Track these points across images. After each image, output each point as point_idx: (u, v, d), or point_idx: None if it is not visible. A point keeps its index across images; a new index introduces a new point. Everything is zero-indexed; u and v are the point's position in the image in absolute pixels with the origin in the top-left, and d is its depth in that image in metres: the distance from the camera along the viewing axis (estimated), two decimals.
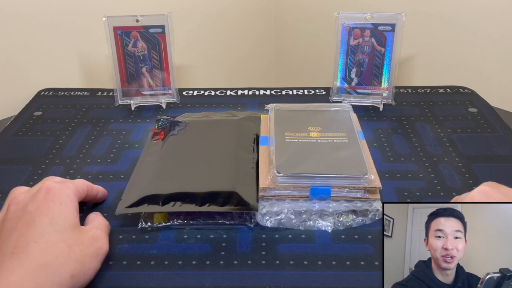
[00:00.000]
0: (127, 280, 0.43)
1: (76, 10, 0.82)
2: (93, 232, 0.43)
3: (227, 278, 0.43)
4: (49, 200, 0.41)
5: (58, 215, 0.40)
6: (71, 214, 0.42)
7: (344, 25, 0.69)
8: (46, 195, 0.41)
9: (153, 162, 0.55)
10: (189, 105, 0.74)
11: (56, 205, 0.41)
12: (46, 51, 0.82)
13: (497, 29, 0.79)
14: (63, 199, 0.42)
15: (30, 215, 0.40)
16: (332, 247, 0.46)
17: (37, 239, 0.38)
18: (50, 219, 0.40)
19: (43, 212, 0.40)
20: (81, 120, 0.70)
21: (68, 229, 0.40)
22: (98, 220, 0.46)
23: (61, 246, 0.39)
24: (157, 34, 0.70)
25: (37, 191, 0.42)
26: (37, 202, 0.41)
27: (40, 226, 0.39)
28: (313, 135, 0.55)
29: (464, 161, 0.59)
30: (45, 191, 0.41)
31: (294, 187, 0.49)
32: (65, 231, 0.40)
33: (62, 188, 0.43)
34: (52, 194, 0.41)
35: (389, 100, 0.71)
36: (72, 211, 0.42)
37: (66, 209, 0.41)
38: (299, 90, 0.79)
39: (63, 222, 0.40)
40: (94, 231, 0.43)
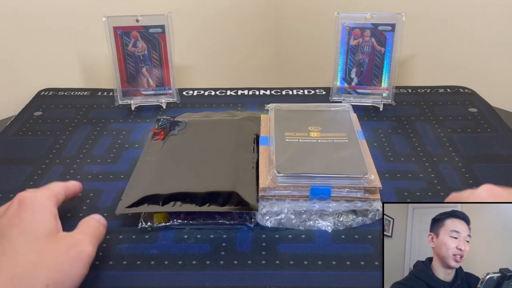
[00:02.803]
0: (127, 280, 0.43)
1: (76, 10, 0.82)
2: (73, 237, 0.41)
3: (227, 278, 0.43)
4: (21, 210, 0.40)
5: (30, 224, 0.39)
6: (45, 221, 0.40)
7: (344, 25, 0.69)
8: (18, 206, 0.40)
9: (153, 162, 0.55)
10: (189, 105, 0.74)
11: (28, 214, 0.39)
12: (46, 51, 0.82)
13: (497, 29, 0.79)
14: (35, 206, 0.40)
15: (1, 229, 0.39)
16: (332, 247, 0.46)
17: (6, 252, 0.37)
18: (21, 229, 0.38)
19: (14, 223, 0.39)
20: (81, 120, 0.70)
21: (41, 238, 0.38)
22: (87, 223, 0.44)
23: (31, 257, 0.37)
24: (157, 34, 0.70)
25: (10, 205, 0.41)
26: (9, 215, 0.40)
27: (10, 238, 0.38)
28: (313, 135, 0.55)
29: (464, 161, 0.59)
30: (17, 202, 0.40)
31: (294, 187, 0.49)
32: (36, 240, 0.38)
33: (35, 196, 0.41)
34: (24, 204, 0.40)
35: (389, 100, 0.71)
36: (47, 217, 0.40)
37: (40, 216, 0.40)
38: (299, 90, 0.79)
39: (36, 231, 0.39)
40: (75, 236, 0.41)
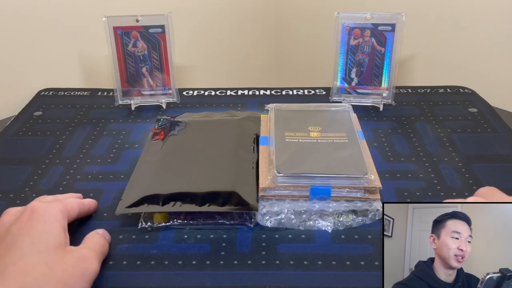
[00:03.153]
0: (127, 280, 0.43)
1: (76, 10, 0.82)
2: (80, 252, 0.41)
3: (227, 278, 0.43)
4: (33, 219, 0.40)
5: (41, 235, 0.39)
6: (55, 234, 0.40)
7: (344, 25, 0.69)
8: (30, 215, 0.40)
9: (153, 162, 0.55)
10: (189, 105, 0.74)
11: (39, 224, 0.40)
12: (46, 51, 0.82)
13: (497, 29, 0.79)
14: (47, 218, 0.40)
15: (12, 236, 0.39)
16: (332, 247, 0.46)
17: (16, 261, 0.37)
18: (32, 239, 0.38)
19: (25, 232, 0.39)
20: (81, 120, 0.70)
21: (51, 249, 0.39)
22: (92, 239, 0.44)
23: (41, 267, 0.37)
24: (157, 34, 0.70)
25: (22, 212, 0.41)
26: (20, 222, 0.40)
27: (20, 247, 0.38)
28: (313, 135, 0.55)
29: (464, 161, 0.59)
30: (30, 211, 0.40)
31: (294, 187, 0.49)
32: (47, 251, 0.38)
33: (48, 207, 0.42)
34: (37, 213, 0.40)
35: (389, 100, 0.71)
36: (58, 230, 0.41)
37: (50, 228, 0.40)
38: (299, 90, 0.79)
39: (46, 242, 0.39)
40: (82, 251, 0.41)
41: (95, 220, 0.50)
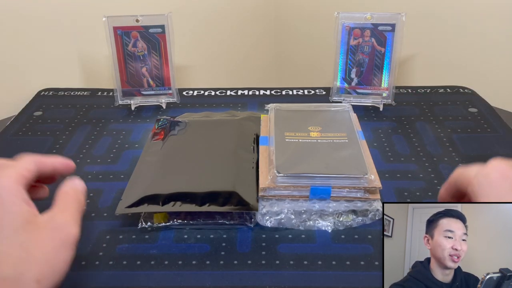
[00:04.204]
0: (127, 280, 0.43)
1: (76, 10, 0.82)
2: (54, 220, 0.36)
3: (227, 278, 0.43)
4: None
5: (2, 218, 0.34)
6: (18, 211, 0.34)
7: (344, 25, 0.69)
8: None
9: (153, 162, 0.54)
10: (189, 105, 0.74)
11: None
12: (46, 51, 0.82)
13: (497, 29, 0.79)
14: (2, 196, 0.35)
15: None
16: (332, 247, 0.46)
17: None
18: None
19: None
20: (81, 120, 0.70)
21: (20, 229, 0.34)
22: (65, 197, 0.38)
23: (16, 252, 0.33)
24: (157, 34, 0.70)
25: None
26: None
27: None
28: (313, 135, 0.55)
29: (464, 161, 0.59)
30: None
31: (294, 187, 0.49)
32: (15, 233, 0.33)
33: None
34: None
35: (389, 100, 0.71)
36: (19, 205, 0.35)
37: (10, 207, 0.34)
38: (299, 90, 0.79)
39: (12, 224, 0.34)
40: (56, 218, 0.36)
41: (95, 220, 0.50)
